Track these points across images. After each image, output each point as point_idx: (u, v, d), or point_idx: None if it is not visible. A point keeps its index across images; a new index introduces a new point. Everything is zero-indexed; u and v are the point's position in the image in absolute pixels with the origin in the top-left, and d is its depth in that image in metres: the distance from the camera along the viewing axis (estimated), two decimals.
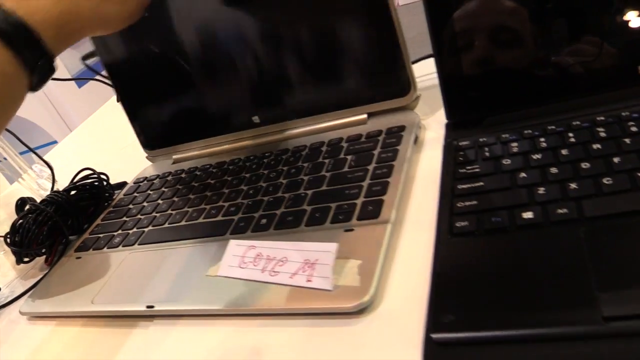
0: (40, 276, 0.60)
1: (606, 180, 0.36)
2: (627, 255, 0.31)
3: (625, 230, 0.33)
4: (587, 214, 0.35)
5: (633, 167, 0.37)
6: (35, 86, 0.41)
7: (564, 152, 0.41)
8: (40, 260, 0.64)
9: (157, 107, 0.69)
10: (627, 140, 0.39)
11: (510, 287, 0.32)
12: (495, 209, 0.38)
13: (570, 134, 0.42)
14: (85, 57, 0.65)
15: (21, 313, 0.55)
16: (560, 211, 0.36)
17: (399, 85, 0.53)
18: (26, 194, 0.78)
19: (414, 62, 0.63)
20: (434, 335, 0.31)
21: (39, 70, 0.40)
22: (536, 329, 0.29)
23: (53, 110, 2.70)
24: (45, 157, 1.04)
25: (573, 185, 0.37)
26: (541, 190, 0.38)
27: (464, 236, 0.37)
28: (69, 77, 0.74)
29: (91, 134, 1.10)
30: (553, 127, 0.44)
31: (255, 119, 0.62)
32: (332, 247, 0.38)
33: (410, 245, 0.40)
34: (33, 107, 2.53)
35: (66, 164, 0.92)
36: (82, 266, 0.57)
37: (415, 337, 0.32)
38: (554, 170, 0.39)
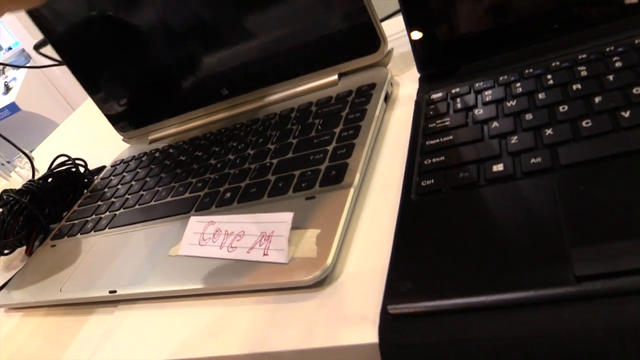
0: (20, 267, 0.58)
1: (585, 123, 0.33)
2: (604, 205, 0.28)
3: (603, 177, 0.29)
4: (562, 162, 0.31)
5: (616, 105, 0.33)
6: None
7: (540, 96, 0.37)
8: (22, 250, 0.63)
9: (124, 89, 0.66)
10: (611, 77, 0.35)
11: (475, 249, 0.29)
12: (464, 163, 0.35)
13: (549, 76, 0.38)
14: (37, 47, 0.62)
15: None
16: (533, 160, 0.32)
17: (368, 40, 0.49)
18: (11, 187, 0.77)
19: (387, 18, 0.59)
20: (389, 307, 0.28)
21: None
22: (502, 294, 0.26)
23: (59, 97, 2.70)
24: (36, 150, 1.03)
25: (548, 132, 0.34)
26: (514, 139, 0.34)
27: (429, 195, 0.34)
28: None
29: (77, 124, 1.08)
30: (530, 70, 0.40)
31: (224, 91, 0.59)
32: (287, 216, 0.35)
33: (375, 211, 0.37)
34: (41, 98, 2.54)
35: (50, 156, 0.90)
36: (55, 254, 0.55)
37: (373, 310, 0.29)
38: (528, 116, 0.36)
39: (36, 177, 0.69)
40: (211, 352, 0.33)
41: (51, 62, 0.67)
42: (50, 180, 0.65)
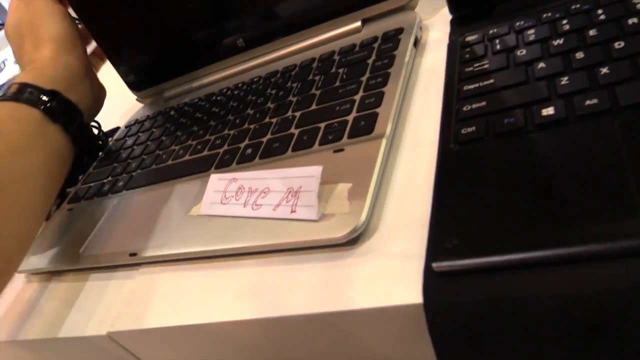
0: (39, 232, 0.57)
1: None
2: None
3: None
4: (622, 103, 0.28)
5: None
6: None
7: (591, 32, 0.33)
8: None
9: (138, 45, 0.63)
10: None
11: (529, 200, 0.26)
12: (509, 108, 0.32)
13: (599, 11, 0.34)
14: None
15: (17, 271, 0.52)
16: (588, 102, 0.29)
17: None
18: None
19: None
20: (435, 264, 0.25)
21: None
22: (561, 249, 0.23)
23: None
24: None
25: (604, 70, 0.30)
26: (564, 80, 0.31)
27: (471, 144, 0.31)
28: None
29: None
30: (577, 5, 0.36)
31: (240, 43, 0.56)
32: (316, 170, 0.33)
33: (411, 163, 0.34)
34: None
35: None
36: (73, 218, 0.53)
37: (415, 268, 0.27)
38: (579, 55, 0.32)
39: None
40: (240, 316, 0.31)
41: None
42: None
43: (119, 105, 0.74)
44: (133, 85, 0.67)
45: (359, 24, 0.48)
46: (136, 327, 0.35)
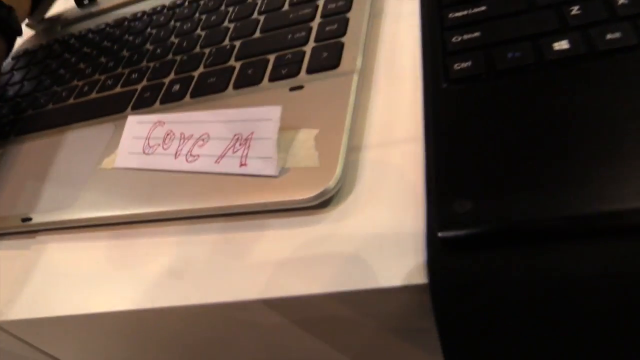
0: None
1: None
2: None
3: None
4: None
5: None
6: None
7: None
8: None
9: None
10: None
11: (553, 154, 0.21)
12: (511, 40, 0.26)
13: None
14: None
15: None
16: (610, 36, 0.24)
17: None
18: None
19: None
20: (442, 234, 0.20)
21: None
22: (607, 215, 0.18)
23: None
24: None
25: (621, 0, 0.25)
26: (575, 9, 0.26)
27: (467, 82, 0.25)
28: None
29: None
30: None
31: None
32: (273, 112, 0.25)
33: (387, 104, 0.28)
34: None
35: None
36: None
37: (410, 238, 0.21)
38: None
39: None
40: (173, 301, 0.24)
41: None
42: None
43: None
44: None
45: None
46: (34, 315, 0.27)
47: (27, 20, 0.56)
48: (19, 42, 0.56)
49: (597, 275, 0.17)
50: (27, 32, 0.57)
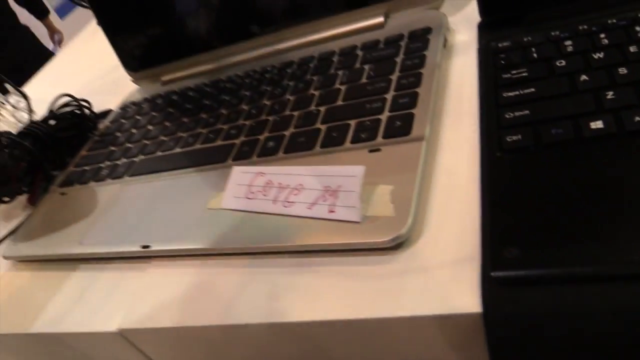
0: (23, 217, 0.54)
1: None
2: None
3: None
4: None
5: None
6: None
7: (632, 49, 0.34)
8: (22, 199, 0.58)
9: (140, 21, 0.60)
10: None
11: (588, 213, 0.26)
12: (554, 119, 0.32)
13: (638, 27, 0.35)
14: None
15: (4, 257, 0.49)
16: (638, 119, 0.29)
17: None
18: (4, 129, 0.71)
19: None
20: (494, 274, 0.25)
21: None
22: (626, 265, 0.23)
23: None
24: (26, 87, 0.96)
25: None
26: (610, 94, 0.31)
27: (517, 153, 0.31)
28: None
29: (71, 62, 1.01)
30: (614, 20, 0.36)
31: (254, 28, 0.54)
32: (358, 170, 0.32)
33: (450, 167, 0.34)
34: None
35: (45, 95, 0.83)
36: (67, 203, 0.51)
37: (469, 276, 0.27)
38: (622, 70, 0.32)
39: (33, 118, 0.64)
40: (271, 318, 0.30)
41: None
42: (53, 122, 0.60)
43: (111, 86, 0.71)
44: (129, 64, 0.64)
45: (381, 19, 0.48)
46: (150, 325, 0.34)
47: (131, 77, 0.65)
48: (125, 94, 0.66)
49: (613, 312, 0.22)
50: (131, 86, 0.66)
